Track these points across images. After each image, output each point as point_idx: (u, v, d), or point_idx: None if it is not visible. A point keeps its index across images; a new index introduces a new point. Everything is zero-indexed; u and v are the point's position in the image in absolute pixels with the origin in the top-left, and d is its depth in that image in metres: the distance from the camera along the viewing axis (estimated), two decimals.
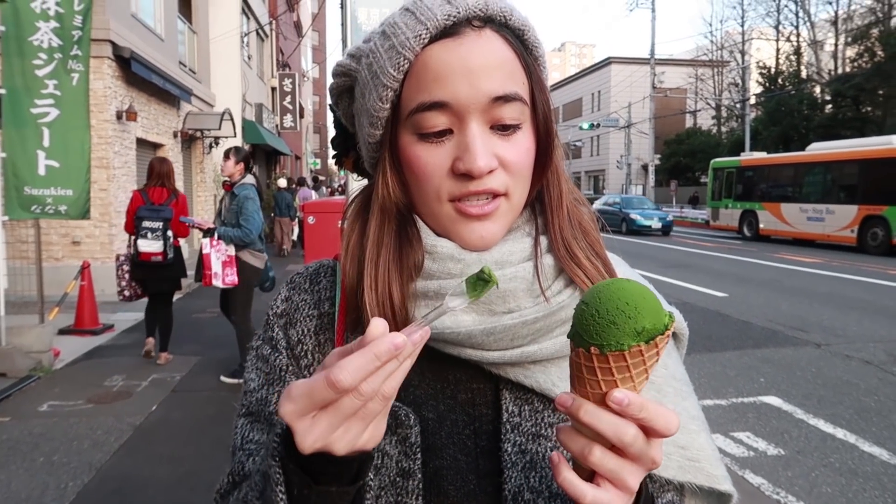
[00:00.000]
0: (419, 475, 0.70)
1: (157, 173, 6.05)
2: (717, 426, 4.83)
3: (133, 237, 5.87)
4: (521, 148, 0.72)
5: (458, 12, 0.68)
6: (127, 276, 6.01)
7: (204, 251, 5.48)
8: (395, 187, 0.75)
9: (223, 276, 5.50)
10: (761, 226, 21.67)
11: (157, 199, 5.96)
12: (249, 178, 5.78)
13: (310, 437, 0.52)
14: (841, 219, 18.36)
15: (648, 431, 0.54)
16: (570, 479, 0.56)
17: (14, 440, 4.40)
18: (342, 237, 0.79)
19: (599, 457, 0.54)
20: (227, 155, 5.76)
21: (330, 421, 0.52)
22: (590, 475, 0.56)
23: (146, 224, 5.78)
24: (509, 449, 0.72)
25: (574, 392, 0.57)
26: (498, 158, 0.70)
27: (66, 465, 3.99)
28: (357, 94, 0.77)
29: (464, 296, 0.59)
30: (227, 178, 5.85)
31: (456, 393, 0.76)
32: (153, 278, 6.03)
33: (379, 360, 0.51)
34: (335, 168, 1.00)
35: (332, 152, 0.92)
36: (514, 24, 0.72)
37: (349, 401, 0.51)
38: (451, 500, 0.72)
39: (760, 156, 23.50)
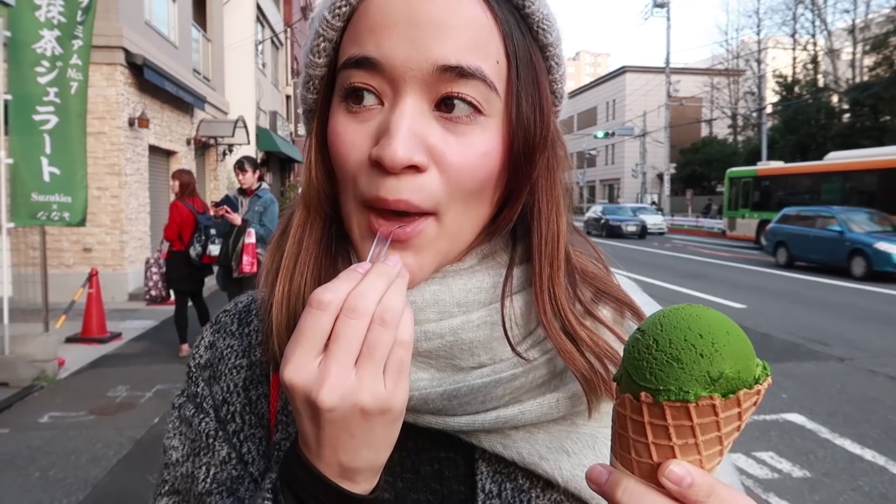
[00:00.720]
0: None
1: (191, 186, 6.66)
2: (739, 445, 4.63)
3: (180, 244, 6.41)
4: (472, 148, 0.51)
5: None
6: (155, 277, 6.45)
7: (248, 241, 5.87)
8: (320, 172, 0.57)
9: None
10: None
11: (199, 208, 6.55)
12: (265, 185, 6.19)
13: (326, 388, 0.43)
14: None
15: None
16: None
17: (11, 453, 4.28)
18: (265, 261, 0.61)
19: None
20: (243, 168, 6.09)
21: (338, 362, 0.43)
22: None
23: (213, 231, 6.34)
24: None
25: (614, 457, 0.41)
26: (429, 151, 0.51)
27: (61, 481, 3.87)
28: None
29: None
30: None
31: (418, 465, 0.58)
32: (198, 278, 6.65)
33: (357, 273, 0.46)
34: None
35: None
36: None
37: (345, 326, 0.43)
38: None
39: (777, 165, 23.22)
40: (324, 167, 0.57)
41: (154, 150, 11.95)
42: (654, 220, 31.47)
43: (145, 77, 10.55)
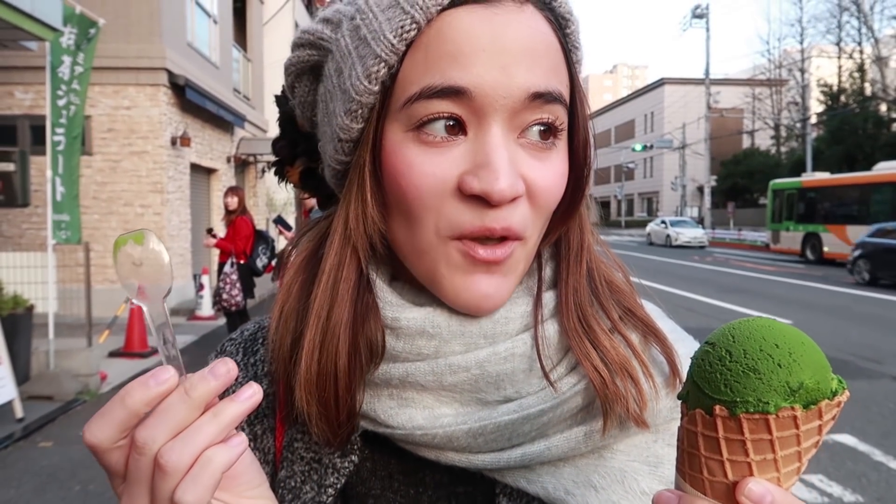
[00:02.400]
0: None
1: (245, 202, 7.36)
2: None
3: (245, 256, 7.11)
4: (555, 172, 0.52)
5: None
6: (237, 286, 7.01)
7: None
8: (375, 207, 0.52)
9: None
10: (826, 249, 20.79)
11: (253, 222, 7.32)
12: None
13: None
14: None
15: None
16: None
17: (54, 466, 4.37)
18: (278, 294, 0.57)
19: None
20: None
21: (129, 496, 0.41)
22: None
23: (272, 244, 7.26)
24: None
25: (682, 479, 0.39)
26: (526, 182, 0.50)
27: (100, 496, 3.92)
28: (328, 71, 0.55)
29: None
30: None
31: (435, 500, 0.56)
32: (254, 287, 7.37)
33: (129, 400, 0.41)
34: None
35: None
36: (559, 9, 0.52)
37: (132, 461, 0.41)
38: None
39: (823, 176, 22.70)
40: (380, 204, 0.53)
41: (195, 167, 12.22)
42: (693, 234, 31.01)
43: (187, 97, 10.83)
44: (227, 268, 7.18)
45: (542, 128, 0.51)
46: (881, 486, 4.24)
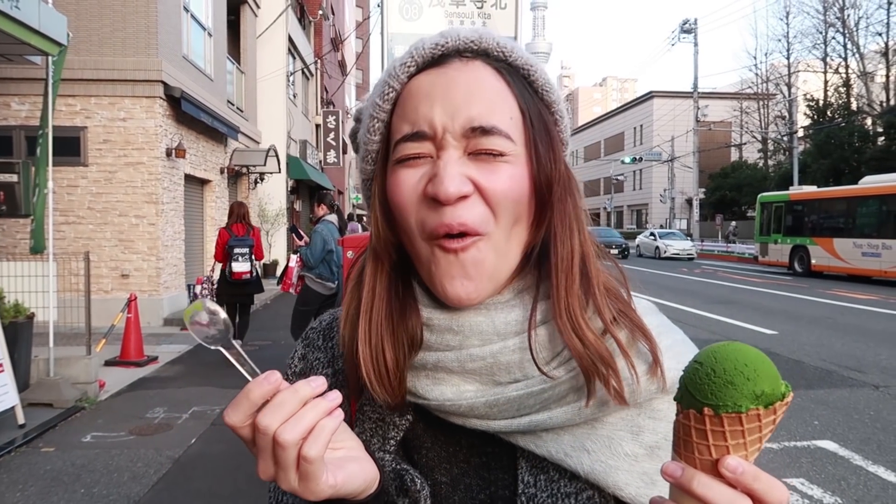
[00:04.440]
0: None
1: (236, 213, 7.96)
2: (769, 472, 4.59)
3: (223, 263, 7.82)
4: (503, 177, 0.65)
5: (447, 42, 0.67)
6: (205, 293, 7.64)
7: (290, 265, 7.31)
8: (384, 224, 0.71)
9: (295, 286, 7.19)
10: (813, 261, 21.03)
11: (238, 232, 7.83)
12: (331, 217, 7.23)
13: (259, 470, 0.57)
14: None
15: None
16: None
17: (57, 471, 4.45)
18: (345, 298, 0.75)
19: None
20: (318, 203, 7.42)
21: (262, 458, 0.56)
22: None
23: (237, 251, 7.71)
24: None
25: (679, 459, 0.53)
26: (473, 182, 0.64)
27: (105, 498, 4.01)
28: (360, 137, 0.75)
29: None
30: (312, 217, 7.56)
31: (469, 457, 0.73)
32: (240, 293, 7.95)
33: (251, 395, 0.55)
34: None
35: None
36: (515, 62, 0.69)
37: (259, 439, 0.55)
38: None
39: (810, 189, 22.94)
40: (387, 222, 0.71)
41: (189, 178, 12.31)
42: (682, 246, 31.24)
43: (182, 109, 10.92)
44: (215, 277, 7.97)
45: (483, 150, 0.65)
46: (860, 488, 4.38)
